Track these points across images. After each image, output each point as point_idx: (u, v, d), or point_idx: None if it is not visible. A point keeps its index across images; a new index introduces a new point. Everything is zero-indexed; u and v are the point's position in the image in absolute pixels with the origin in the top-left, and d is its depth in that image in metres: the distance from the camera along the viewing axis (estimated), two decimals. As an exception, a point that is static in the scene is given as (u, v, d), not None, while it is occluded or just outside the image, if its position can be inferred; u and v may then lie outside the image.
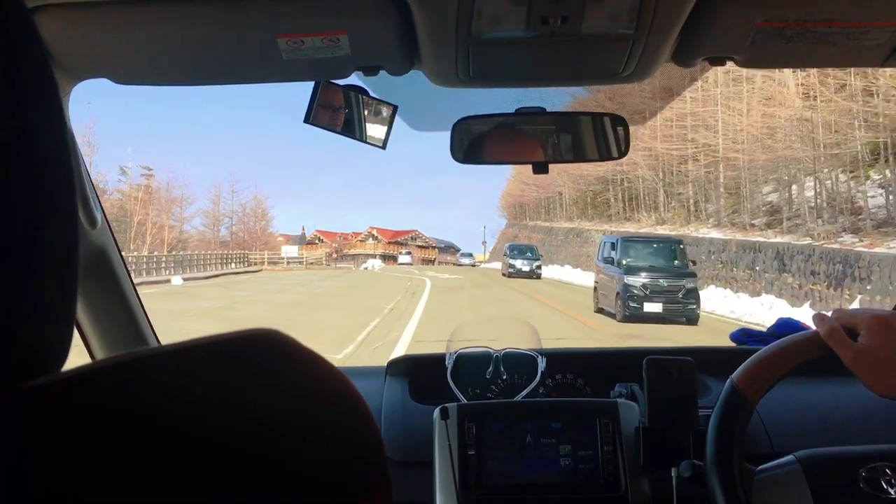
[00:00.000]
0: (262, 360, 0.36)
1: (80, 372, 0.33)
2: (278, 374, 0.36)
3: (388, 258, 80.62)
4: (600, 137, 1.26)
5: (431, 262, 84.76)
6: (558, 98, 1.31)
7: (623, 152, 1.26)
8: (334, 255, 69.48)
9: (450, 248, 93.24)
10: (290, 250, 60.38)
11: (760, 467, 0.98)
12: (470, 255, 65.40)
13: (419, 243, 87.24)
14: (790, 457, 0.99)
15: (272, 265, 49.79)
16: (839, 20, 0.98)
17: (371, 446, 0.38)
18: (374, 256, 77.38)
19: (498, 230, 79.60)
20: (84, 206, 1.20)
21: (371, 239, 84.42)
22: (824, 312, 0.96)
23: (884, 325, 0.88)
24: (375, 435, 0.38)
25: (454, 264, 74.97)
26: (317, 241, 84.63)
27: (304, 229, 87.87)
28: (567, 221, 43.73)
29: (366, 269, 48.76)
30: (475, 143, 1.27)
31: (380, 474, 0.38)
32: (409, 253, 78.68)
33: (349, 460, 0.36)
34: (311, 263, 55.60)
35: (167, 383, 0.33)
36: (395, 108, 1.19)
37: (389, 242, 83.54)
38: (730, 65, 1.16)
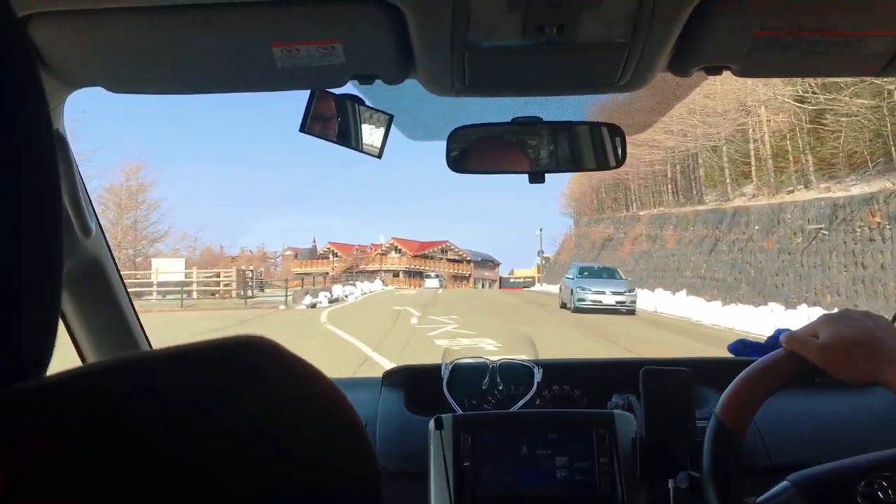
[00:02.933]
0: (251, 364, 0.42)
1: (61, 378, 0.36)
2: (265, 379, 0.42)
3: (413, 275, 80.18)
4: (597, 147, 1.50)
5: (466, 279, 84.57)
6: (555, 107, 1.54)
7: (620, 161, 1.49)
8: (305, 278, 56.33)
9: (488, 263, 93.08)
10: (170, 267, 35.08)
11: (759, 500, 1.14)
12: (620, 283, 25.32)
13: (450, 256, 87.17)
14: (785, 483, 1.15)
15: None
16: (835, 29, 1.16)
17: (359, 449, 0.45)
18: (392, 272, 76.65)
19: (560, 235, 72.77)
20: (77, 214, 1.38)
21: (393, 252, 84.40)
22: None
23: (836, 320, 1.09)
24: (363, 438, 0.46)
25: (491, 282, 73.79)
26: (330, 256, 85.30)
27: (314, 241, 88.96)
28: (776, 194, 23.59)
29: (315, 305, 27.87)
30: (471, 152, 1.51)
31: (369, 474, 0.46)
32: (438, 276, 75.42)
33: (338, 463, 0.45)
34: (213, 293, 34.42)
35: (153, 389, 0.37)
36: (390, 117, 1.43)
37: (415, 256, 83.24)
38: (726, 74, 1.38)
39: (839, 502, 1.12)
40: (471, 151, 1.51)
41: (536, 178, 1.49)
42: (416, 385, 1.73)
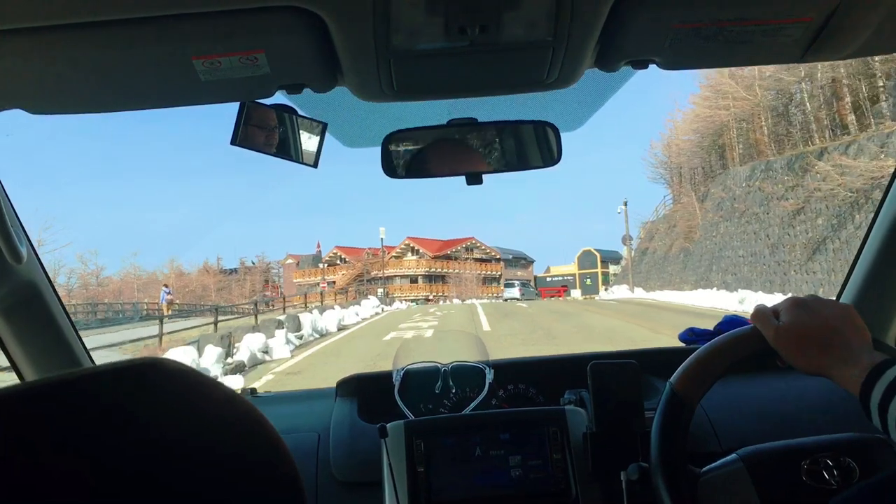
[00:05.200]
0: (159, 384, 0.52)
1: None
2: (166, 394, 0.52)
3: (435, 279, 79.99)
4: (533, 145, 1.71)
5: (495, 280, 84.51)
6: (494, 107, 1.75)
7: (556, 159, 1.70)
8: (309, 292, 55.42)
9: (520, 260, 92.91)
10: None
11: (705, 469, 1.36)
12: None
13: (477, 255, 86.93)
14: (733, 455, 1.36)
15: None
16: (753, 18, 1.33)
17: (266, 450, 0.55)
18: (409, 278, 76.12)
19: (651, 212, 58.29)
20: (5, 240, 1.51)
21: (410, 253, 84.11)
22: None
23: (799, 305, 1.27)
24: (271, 441, 0.55)
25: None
26: (338, 262, 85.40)
27: (318, 247, 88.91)
28: None
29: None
30: (407, 156, 1.73)
31: (284, 478, 0.57)
32: (524, 283, 70.23)
33: (245, 466, 0.53)
34: None
35: (62, 411, 0.45)
36: (324, 125, 1.62)
37: (435, 257, 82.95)
38: (653, 67, 1.57)
39: (784, 478, 1.32)
40: (406, 155, 1.73)
41: (474, 179, 1.71)
42: (370, 393, 1.96)
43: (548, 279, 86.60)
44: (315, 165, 1.65)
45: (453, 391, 1.90)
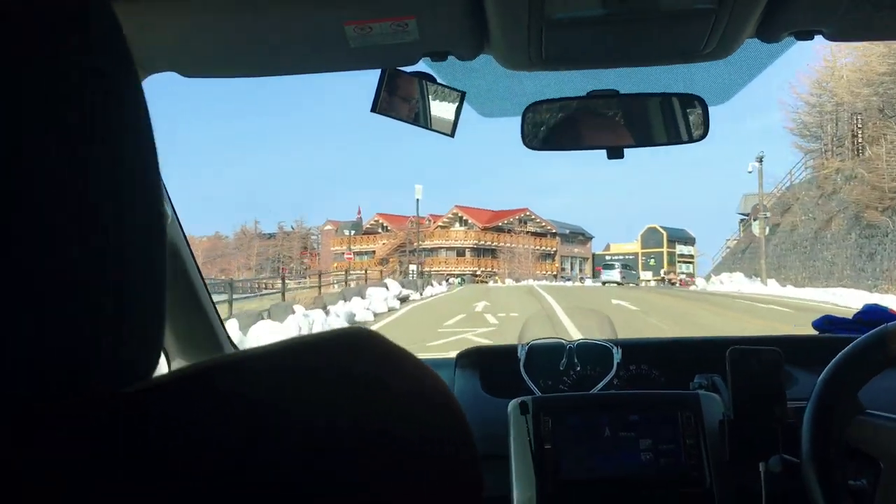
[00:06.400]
0: (352, 358, 0.52)
1: (175, 377, 0.45)
2: (368, 372, 0.52)
3: (483, 253, 79.50)
4: (678, 119, 1.77)
5: (550, 256, 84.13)
6: (635, 79, 1.80)
7: (703, 134, 1.76)
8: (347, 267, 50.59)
9: (577, 236, 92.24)
10: None
11: (872, 411, 1.37)
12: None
13: (531, 228, 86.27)
14: None
15: None
16: None
17: (461, 437, 0.56)
18: (455, 251, 75.54)
19: (783, 176, 47.41)
20: None
21: (458, 224, 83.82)
22: None
23: None
24: (464, 426, 0.56)
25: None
26: (379, 230, 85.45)
27: (360, 212, 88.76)
28: None
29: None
30: (547, 127, 1.80)
31: (470, 463, 0.57)
32: (626, 265, 70.90)
33: (441, 451, 0.54)
34: None
35: (263, 385, 0.46)
36: (463, 94, 1.68)
37: (484, 228, 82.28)
38: (818, 38, 1.56)
39: None
40: (546, 127, 1.80)
41: (615, 153, 1.77)
42: (491, 366, 2.06)
43: (607, 257, 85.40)
44: (452, 135, 1.71)
45: (576, 369, 1.99)
